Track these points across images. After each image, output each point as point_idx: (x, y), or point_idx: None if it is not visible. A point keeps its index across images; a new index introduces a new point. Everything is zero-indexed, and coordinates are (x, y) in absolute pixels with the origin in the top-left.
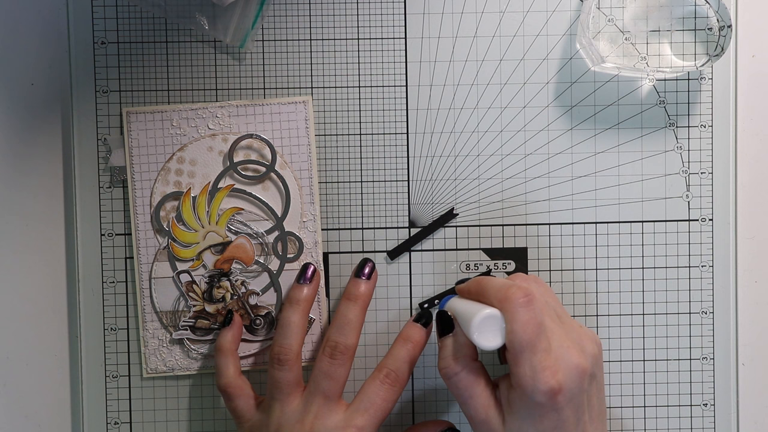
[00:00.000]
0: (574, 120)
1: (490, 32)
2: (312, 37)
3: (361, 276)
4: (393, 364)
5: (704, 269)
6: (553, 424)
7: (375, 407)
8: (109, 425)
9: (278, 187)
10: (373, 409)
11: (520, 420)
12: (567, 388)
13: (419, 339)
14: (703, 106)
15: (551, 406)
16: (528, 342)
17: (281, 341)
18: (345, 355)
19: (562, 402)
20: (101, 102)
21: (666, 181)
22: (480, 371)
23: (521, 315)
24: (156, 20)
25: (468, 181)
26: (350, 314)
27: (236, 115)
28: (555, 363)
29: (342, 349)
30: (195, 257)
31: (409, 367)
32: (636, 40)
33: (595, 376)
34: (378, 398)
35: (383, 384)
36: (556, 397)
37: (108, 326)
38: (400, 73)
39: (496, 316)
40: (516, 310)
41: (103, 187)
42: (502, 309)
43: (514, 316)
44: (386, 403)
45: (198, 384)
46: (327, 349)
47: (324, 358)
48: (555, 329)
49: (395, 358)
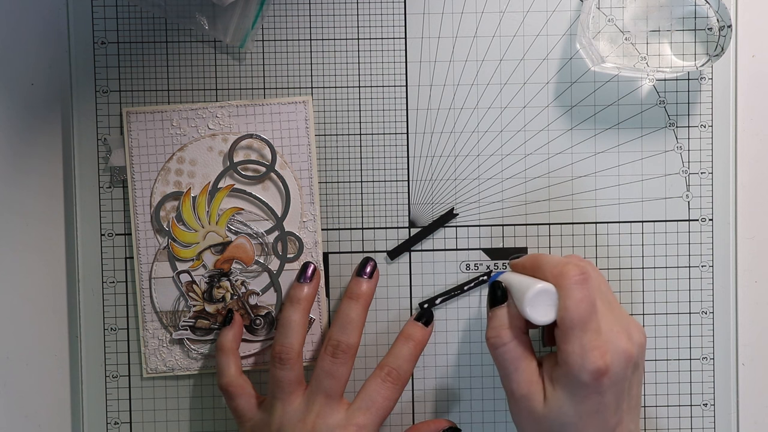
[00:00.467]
0: (574, 120)
1: (490, 32)
2: (312, 37)
3: (363, 275)
4: (394, 363)
5: (704, 269)
6: (593, 408)
7: (376, 406)
8: (109, 425)
9: (278, 187)
10: (374, 408)
11: (561, 399)
12: (613, 371)
13: (420, 338)
14: (703, 106)
15: (595, 388)
16: (580, 320)
17: (282, 340)
18: (347, 354)
19: (606, 384)
20: (101, 102)
21: (666, 181)
22: (528, 345)
23: (576, 292)
24: (156, 20)
25: (468, 181)
26: (352, 313)
27: (236, 115)
28: (604, 344)
29: (344, 348)
30: (195, 257)
31: (410, 366)
32: (636, 40)
33: (638, 367)
34: (379, 397)
35: (385, 382)
36: (601, 378)
37: (108, 326)
38: (400, 73)
39: (551, 291)
40: (571, 286)
41: (103, 187)
42: (557, 285)
43: (568, 292)
44: (387, 401)
45: (198, 384)
46: (329, 348)
47: (326, 357)
48: (606, 313)
49: (396, 357)
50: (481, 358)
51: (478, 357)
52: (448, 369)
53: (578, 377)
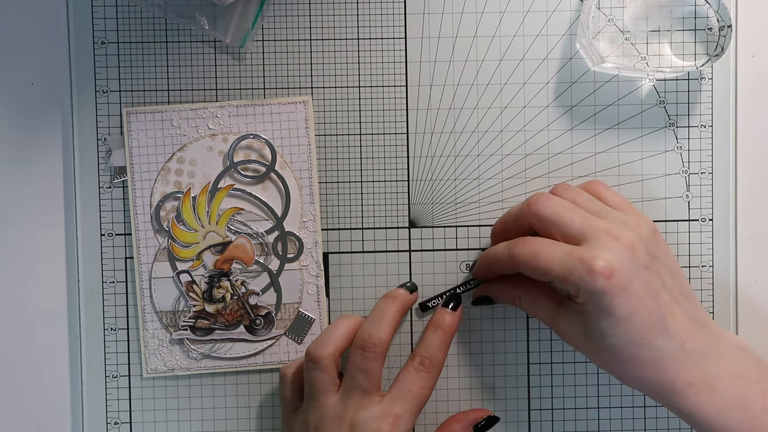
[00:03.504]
0: (574, 120)
1: (490, 32)
2: (312, 37)
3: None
4: (426, 351)
5: (704, 269)
6: (628, 311)
7: (412, 395)
8: (109, 425)
9: (278, 187)
10: (410, 397)
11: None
12: (620, 268)
13: (450, 324)
14: (703, 106)
15: (613, 289)
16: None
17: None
18: (377, 348)
19: (623, 281)
20: (101, 102)
21: (666, 181)
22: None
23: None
24: (156, 20)
25: (468, 181)
26: (387, 309)
27: (236, 115)
28: (591, 251)
29: (375, 341)
30: (195, 257)
31: (442, 353)
32: (636, 40)
33: (657, 257)
34: (414, 386)
35: (418, 372)
36: (611, 278)
37: (108, 326)
38: (400, 73)
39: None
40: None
41: (103, 187)
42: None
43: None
44: (423, 390)
45: (198, 384)
46: (359, 341)
47: (356, 352)
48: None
49: (428, 345)
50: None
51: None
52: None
53: (590, 288)
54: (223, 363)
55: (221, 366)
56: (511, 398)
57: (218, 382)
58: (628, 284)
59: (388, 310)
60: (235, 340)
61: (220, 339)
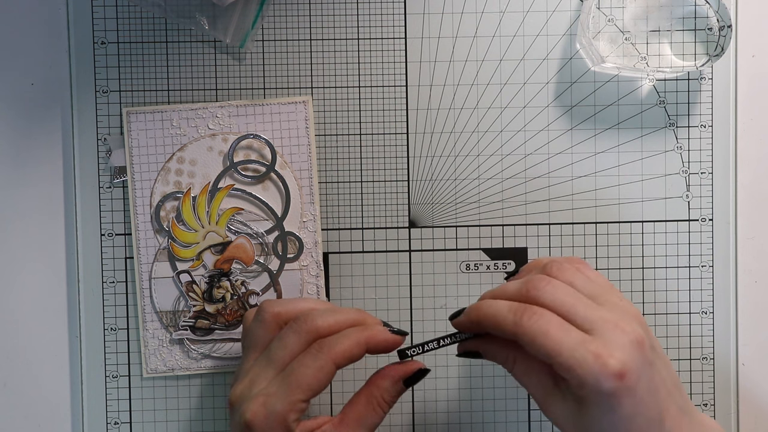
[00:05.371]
0: (574, 120)
1: (490, 32)
2: (312, 37)
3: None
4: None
5: (704, 269)
6: (632, 411)
7: (295, 374)
8: (109, 425)
9: (278, 187)
10: (293, 377)
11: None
12: (631, 367)
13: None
14: (703, 106)
15: (622, 390)
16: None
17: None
18: (305, 329)
19: (632, 382)
20: (101, 102)
21: (666, 181)
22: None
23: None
24: (156, 20)
25: (468, 181)
26: (349, 319)
27: (236, 115)
28: (606, 345)
29: (310, 324)
30: (195, 257)
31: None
32: (636, 40)
33: (655, 348)
34: (300, 365)
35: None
36: (623, 379)
37: (108, 326)
38: (400, 73)
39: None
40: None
41: (103, 187)
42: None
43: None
44: (305, 368)
45: (198, 384)
46: (300, 315)
47: (291, 323)
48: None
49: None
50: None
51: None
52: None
53: (600, 387)
54: (223, 363)
55: (221, 366)
56: (511, 398)
57: (218, 382)
58: (636, 385)
59: (347, 319)
60: (235, 340)
61: (220, 339)
